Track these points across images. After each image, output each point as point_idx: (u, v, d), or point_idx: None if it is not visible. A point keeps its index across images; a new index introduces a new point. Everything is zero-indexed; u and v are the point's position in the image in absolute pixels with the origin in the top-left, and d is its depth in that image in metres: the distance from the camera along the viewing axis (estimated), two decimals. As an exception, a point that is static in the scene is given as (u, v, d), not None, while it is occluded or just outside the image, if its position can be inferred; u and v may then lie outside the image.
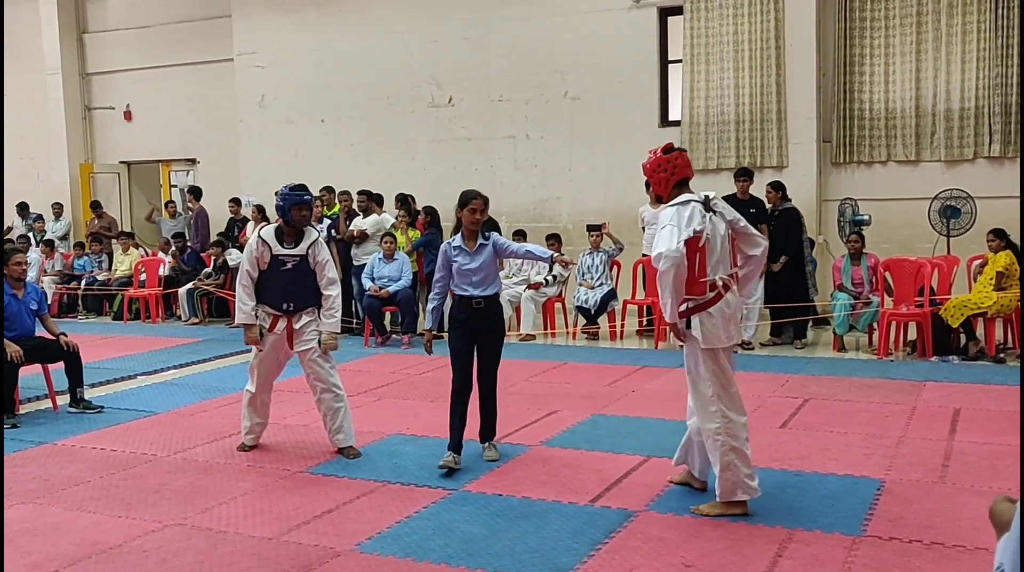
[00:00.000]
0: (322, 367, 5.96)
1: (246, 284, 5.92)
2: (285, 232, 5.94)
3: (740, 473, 4.68)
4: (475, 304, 5.70)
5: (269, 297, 5.93)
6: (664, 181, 4.81)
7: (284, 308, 5.92)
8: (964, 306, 8.71)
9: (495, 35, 12.99)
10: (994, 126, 10.65)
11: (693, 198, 4.71)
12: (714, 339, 4.67)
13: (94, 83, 16.95)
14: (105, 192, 16.64)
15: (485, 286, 5.71)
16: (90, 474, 5.72)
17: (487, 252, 5.72)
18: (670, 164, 4.80)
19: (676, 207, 4.68)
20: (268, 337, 5.96)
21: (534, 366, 8.97)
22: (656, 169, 4.82)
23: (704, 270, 4.65)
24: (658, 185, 4.84)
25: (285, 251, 5.90)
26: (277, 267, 5.90)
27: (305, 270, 5.92)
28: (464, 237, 5.74)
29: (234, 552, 4.42)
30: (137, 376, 8.94)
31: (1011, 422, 6.42)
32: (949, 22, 10.78)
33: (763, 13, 11.40)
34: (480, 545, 4.41)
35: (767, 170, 11.28)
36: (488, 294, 5.72)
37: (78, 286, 13.88)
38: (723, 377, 4.72)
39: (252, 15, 14.59)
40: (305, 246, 5.92)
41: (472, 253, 5.70)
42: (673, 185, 4.80)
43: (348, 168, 13.53)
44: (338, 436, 6.00)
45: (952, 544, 4.26)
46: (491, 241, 5.76)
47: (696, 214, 4.63)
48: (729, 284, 4.72)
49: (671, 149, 4.88)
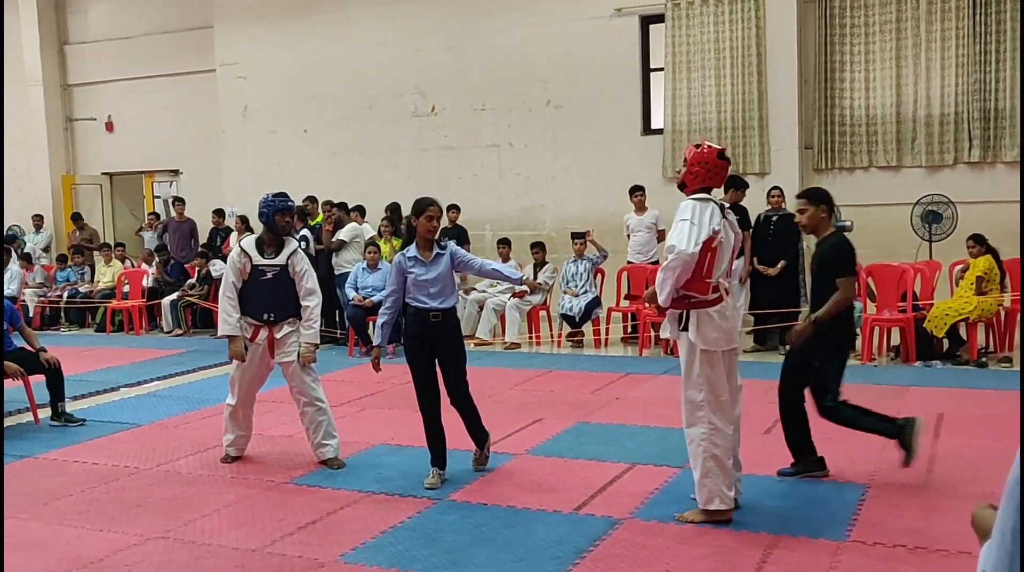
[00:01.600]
0: (304, 381, 5.93)
1: (230, 296, 5.88)
2: (266, 241, 5.92)
3: (718, 482, 4.66)
4: (432, 317, 5.45)
5: (250, 307, 5.90)
6: (698, 176, 4.76)
7: (265, 318, 5.90)
8: (947, 314, 8.75)
9: (477, 44, 13.01)
10: (974, 131, 10.72)
11: (711, 199, 4.74)
12: (711, 341, 4.66)
13: (75, 94, 16.86)
14: (87, 204, 16.54)
15: (443, 298, 5.47)
16: (72, 488, 5.68)
17: (444, 262, 5.49)
18: (714, 166, 4.77)
19: (697, 202, 4.66)
20: (249, 348, 5.93)
21: (519, 374, 8.96)
22: (698, 162, 4.77)
23: (711, 271, 4.65)
24: (691, 176, 4.78)
25: (265, 261, 5.87)
26: (257, 277, 5.88)
27: (285, 280, 5.89)
28: (419, 246, 5.49)
29: (217, 565, 4.39)
30: (120, 388, 8.88)
31: (994, 426, 6.45)
32: (928, 28, 10.86)
33: (744, 21, 11.45)
34: (465, 554, 4.40)
35: (750, 176, 11.31)
36: (445, 307, 5.48)
37: (60, 298, 13.78)
38: (715, 383, 4.68)
39: (234, 26, 14.56)
40: (285, 256, 5.90)
41: (428, 263, 5.46)
42: (700, 186, 4.77)
43: (331, 178, 13.51)
44: (322, 449, 5.97)
45: (936, 548, 4.28)
46: (448, 251, 5.53)
47: (716, 215, 4.66)
48: (730, 289, 4.77)
49: (723, 155, 4.86)
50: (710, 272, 4.63)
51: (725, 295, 4.71)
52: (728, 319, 4.71)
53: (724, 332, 4.68)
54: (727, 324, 4.70)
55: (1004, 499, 1.07)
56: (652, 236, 10.84)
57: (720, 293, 4.68)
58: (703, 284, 4.63)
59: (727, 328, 4.70)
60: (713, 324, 4.65)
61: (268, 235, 5.93)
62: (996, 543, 1.07)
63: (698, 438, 4.71)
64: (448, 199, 13.12)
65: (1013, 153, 10.58)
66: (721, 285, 4.70)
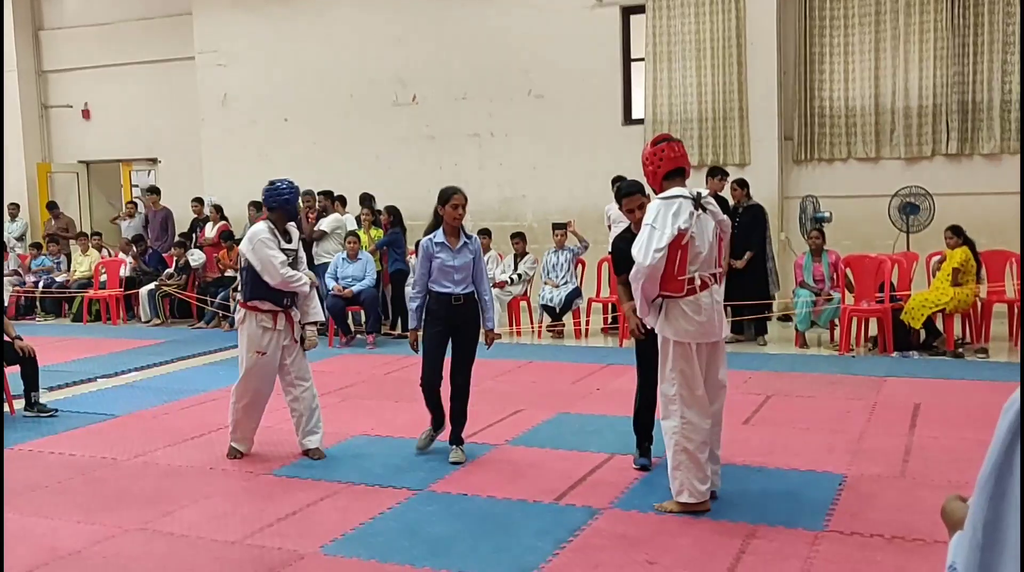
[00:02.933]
0: (305, 365, 5.95)
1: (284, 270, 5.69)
2: (281, 229, 5.85)
3: (688, 476, 4.67)
4: (454, 301, 5.71)
5: (271, 293, 5.78)
6: (652, 174, 4.72)
7: (285, 303, 5.83)
8: (923, 306, 8.82)
9: (459, 33, 12.96)
10: (951, 124, 10.80)
11: (682, 193, 4.60)
12: (682, 333, 4.62)
13: (51, 81, 16.67)
14: (63, 192, 16.37)
15: (465, 284, 5.73)
16: (48, 479, 5.63)
17: (469, 252, 5.74)
18: (656, 157, 4.70)
19: (661, 203, 4.58)
20: (269, 335, 5.79)
21: (499, 365, 8.95)
22: (645, 163, 4.75)
23: (684, 268, 4.56)
24: (649, 177, 4.74)
25: (287, 246, 5.85)
26: None
27: (296, 265, 5.89)
28: (446, 233, 5.71)
29: (197, 557, 4.37)
30: (97, 378, 8.81)
31: (970, 417, 6.51)
32: (907, 21, 10.92)
33: (724, 12, 11.47)
34: (445, 545, 4.40)
35: (730, 167, 11.33)
36: (467, 292, 5.75)
37: (35, 287, 13.65)
38: (690, 378, 4.66)
39: (213, 12, 14.43)
40: (295, 242, 5.94)
41: (455, 250, 5.69)
42: (663, 177, 4.68)
43: (312, 167, 13.42)
44: (310, 437, 5.91)
45: (912, 538, 4.32)
46: (474, 244, 5.81)
47: (683, 211, 4.53)
48: (708, 282, 4.65)
49: (661, 140, 4.79)
50: (683, 269, 4.56)
51: (700, 289, 4.59)
52: (702, 311, 4.60)
53: (698, 325, 4.60)
54: (700, 316, 4.60)
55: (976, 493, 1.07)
56: (633, 227, 10.84)
57: (694, 286, 4.59)
58: (676, 282, 4.57)
59: (700, 321, 4.60)
60: (685, 316, 4.59)
61: (284, 221, 5.87)
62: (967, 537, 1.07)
63: (671, 431, 4.72)
64: (428, 189, 13.08)
65: (990, 145, 10.67)
66: (703, 278, 4.61)
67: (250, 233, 5.90)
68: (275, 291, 5.76)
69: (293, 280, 5.77)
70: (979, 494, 1.05)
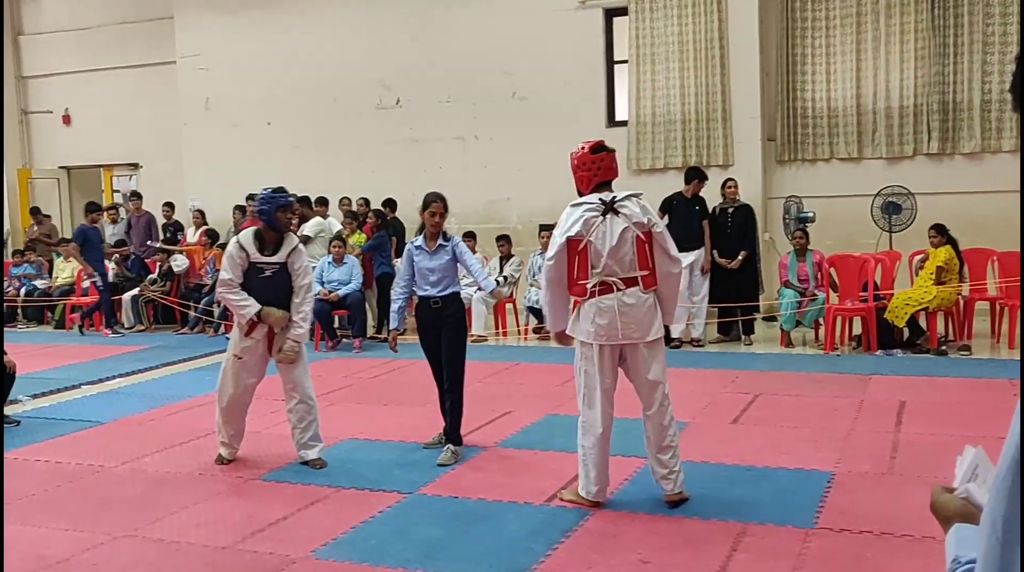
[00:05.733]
0: (299, 375, 5.79)
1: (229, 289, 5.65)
2: (266, 238, 5.73)
3: (582, 471, 4.85)
4: (432, 304, 5.91)
5: None
6: (586, 180, 4.83)
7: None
8: (907, 304, 8.89)
9: (442, 36, 12.96)
10: (932, 124, 10.88)
11: (586, 201, 4.73)
12: (584, 333, 4.71)
13: (30, 86, 16.56)
14: (44, 198, 16.26)
15: (443, 287, 5.90)
16: (34, 487, 5.58)
17: (446, 253, 5.90)
18: (595, 165, 4.82)
19: (567, 211, 4.76)
20: (245, 343, 5.75)
21: (487, 367, 8.96)
22: (580, 166, 4.84)
23: (584, 272, 4.66)
24: (579, 182, 4.86)
25: (264, 259, 5.69)
26: (255, 275, 5.69)
27: (284, 278, 5.73)
28: (426, 238, 5.95)
29: (187, 563, 4.35)
30: (82, 385, 8.73)
31: (955, 413, 6.57)
32: (888, 22, 11.00)
33: (707, 14, 11.52)
34: (437, 548, 4.40)
35: (713, 169, 11.39)
36: (445, 294, 5.90)
37: (16, 295, 13.54)
38: (591, 377, 4.75)
39: (195, 16, 14.37)
40: (285, 253, 5.73)
41: (432, 253, 5.90)
42: (594, 186, 4.80)
43: (295, 171, 13.35)
44: (307, 449, 5.80)
45: (901, 534, 4.35)
46: (452, 244, 5.95)
47: (577, 217, 4.66)
48: (613, 286, 4.63)
49: (600, 149, 4.87)
50: (583, 273, 4.66)
51: (601, 292, 4.63)
52: (604, 314, 4.62)
53: (598, 326, 4.64)
54: (601, 319, 4.62)
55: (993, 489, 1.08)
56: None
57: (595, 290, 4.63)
58: (577, 286, 4.70)
59: (600, 323, 4.63)
60: (587, 318, 4.67)
61: (269, 233, 5.72)
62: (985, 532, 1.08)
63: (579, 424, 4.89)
64: (412, 192, 13.06)
65: (971, 144, 10.76)
66: (607, 282, 4.62)
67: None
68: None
69: (232, 303, 5.70)
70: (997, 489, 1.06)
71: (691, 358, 9.25)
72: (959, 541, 1.29)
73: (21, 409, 7.66)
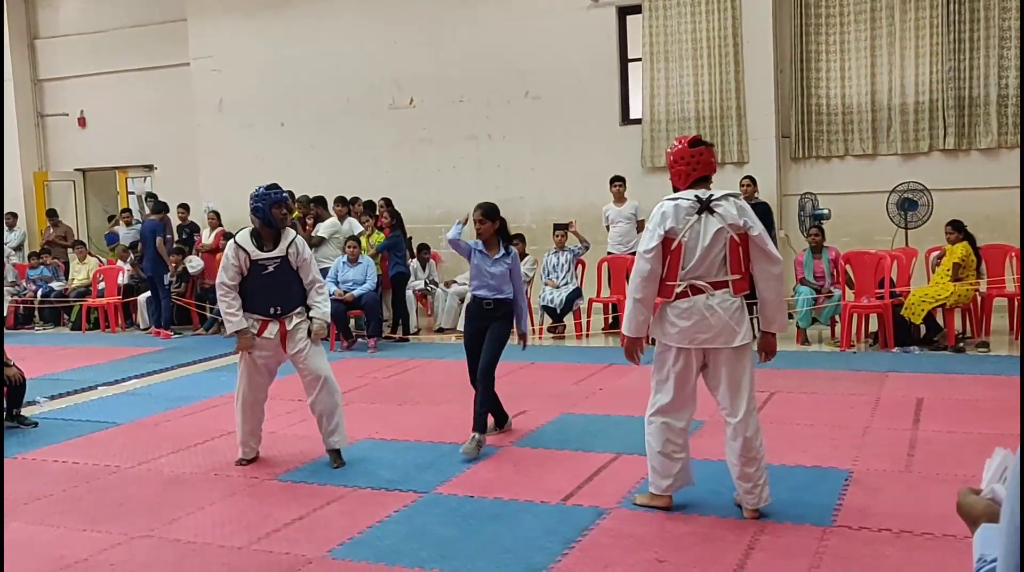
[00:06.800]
0: (319, 365, 5.77)
1: (228, 295, 5.68)
2: (263, 234, 5.74)
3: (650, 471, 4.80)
4: (485, 305, 6.20)
5: (254, 303, 5.72)
6: (684, 175, 4.64)
7: (272, 313, 5.72)
8: (923, 301, 8.83)
9: (454, 36, 12.96)
10: (948, 119, 10.81)
11: (682, 197, 4.56)
12: (663, 333, 4.60)
13: (47, 89, 16.66)
14: (60, 200, 16.36)
15: (498, 292, 6.21)
16: (52, 488, 5.61)
17: (505, 265, 6.20)
18: (693, 159, 4.64)
19: (659, 206, 4.60)
20: (258, 342, 5.75)
21: (501, 366, 8.84)
22: (678, 161, 4.66)
23: (674, 273, 4.51)
24: (677, 177, 4.67)
25: (265, 255, 5.69)
26: (258, 272, 5.69)
27: (287, 271, 5.74)
28: (485, 244, 6.27)
29: (204, 563, 4.36)
30: (98, 387, 8.77)
31: (973, 411, 6.52)
32: (903, 18, 10.93)
33: (720, 11, 11.47)
34: (453, 547, 4.39)
35: (728, 166, 11.36)
36: (498, 298, 6.20)
37: (33, 296, 13.62)
38: (660, 382, 4.66)
39: (208, 18, 14.42)
40: (284, 246, 5.74)
41: (492, 259, 6.21)
42: (694, 180, 4.63)
43: (309, 172, 13.42)
44: (333, 437, 5.79)
45: (920, 532, 4.31)
46: (511, 258, 6.24)
47: (671, 214, 4.49)
48: (703, 289, 4.50)
49: (698, 142, 4.73)
50: (672, 274, 4.52)
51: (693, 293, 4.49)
52: (691, 316, 4.49)
53: (685, 330, 4.51)
54: (688, 321, 4.50)
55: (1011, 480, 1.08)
56: (632, 226, 10.84)
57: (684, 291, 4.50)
58: (666, 288, 4.55)
59: (688, 325, 4.50)
60: (671, 319, 4.54)
61: (265, 229, 5.73)
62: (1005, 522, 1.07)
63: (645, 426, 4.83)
64: (426, 192, 13.11)
65: (987, 140, 10.68)
66: (695, 285, 4.50)
67: None
68: (257, 300, 5.72)
69: (223, 310, 5.75)
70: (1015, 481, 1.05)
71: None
72: (985, 541, 1.29)
73: (38, 411, 7.70)
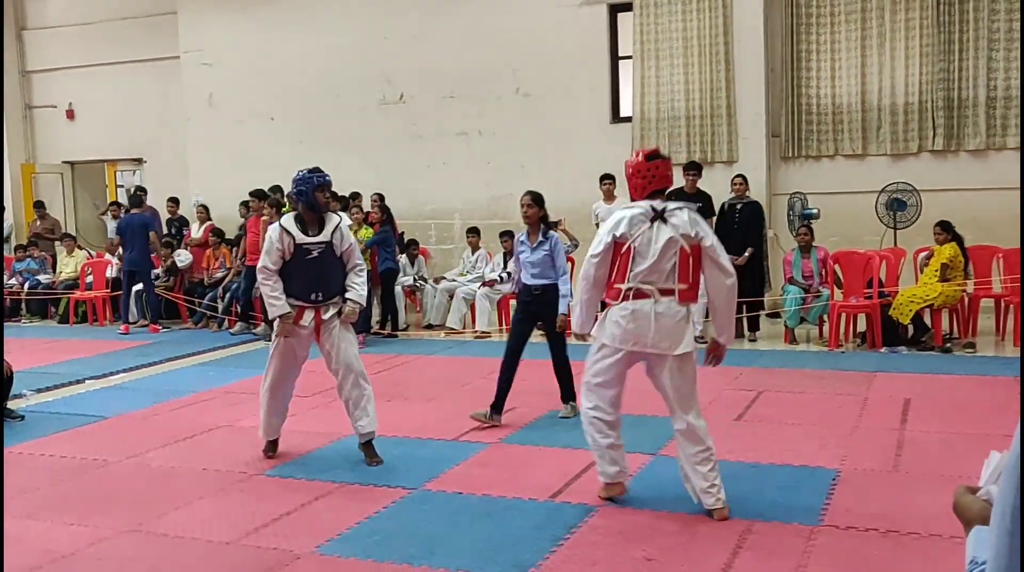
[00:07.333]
0: (348, 352, 5.71)
1: (268, 277, 5.61)
2: (307, 219, 5.68)
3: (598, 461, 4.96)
4: (534, 290, 6.63)
5: (296, 287, 5.63)
6: (640, 187, 4.76)
7: (313, 298, 5.64)
8: (911, 301, 8.87)
9: (446, 32, 12.93)
10: (937, 120, 10.85)
11: (638, 205, 4.71)
12: (606, 334, 4.71)
13: (34, 81, 16.54)
14: (48, 193, 16.24)
15: (541, 278, 6.62)
16: (39, 481, 5.59)
17: (545, 249, 6.60)
18: (649, 172, 4.76)
19: (617, 212, 4.79)
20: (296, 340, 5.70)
21: (490, 363, 8.91)
22: (635, 174, 4.78)
23: (622, 275, 4.64)
24: (633, 190, 4.80)
25: (310, 239, 5.62)
26: (302, 257, 5.60)
27: (331, 257, 5.68)
28: (528, 232, 6.71)
29: (191, 558, 4.35)
30: (86, 380, 8.74)
31: (960, 411, 6.55)
32: (893, 18, 10.96)
33: (711, 10, 11.49)
34: (442, 544, 4.39)
35: (718, 165, 11.39)
36: (543, 283, 6.61)
37: (20, 289, 13.55)
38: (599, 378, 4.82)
39: (198, 12, 14.35)
40: (329, 232, 5.68)
41: (533, 247, 6.64)
42: (648, 193, 4.74)
43: (299, 167, 13.19)
44: (361, 422, 5.72)
45: (907, 531, 4.34)
46: (550, 240, 6.63)
47: (626, 221, 4.64)
48: (649, 294, 4.59)
49: (655, 156, 4.83)
50: (621, 276, 4.64)
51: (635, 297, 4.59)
52: (635, 319, 4.59)
53: (629, 332, 4.60)
54: (633, 324, 4.59)
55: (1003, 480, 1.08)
56: (621, 224, 10.84)
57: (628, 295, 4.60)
58: (612, 289, 4.70)
59: (632, 328, 4.59)
60: (616, 321, 4.64)
61: (309, 213, 5.67)
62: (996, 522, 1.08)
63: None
64: (416, 188, 13.09)
65: (976, 141, 10.73)
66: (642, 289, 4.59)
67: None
68: (298, 285, 5.63)
69: (266, 294, 5.67)
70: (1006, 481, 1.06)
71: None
72: (977, 543, 1.30)
73: (25, 404, 7.66)
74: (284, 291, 5.62)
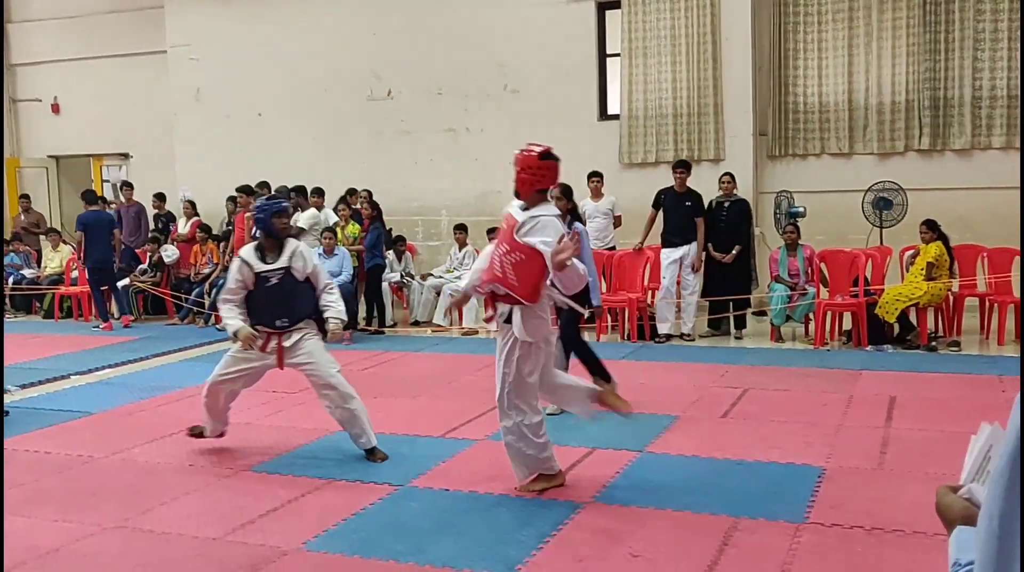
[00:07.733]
0: (327, 373, 5.70)
1: (224, 302, 5.75)
2: (266, 246, 5.73)
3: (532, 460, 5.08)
4: None
5: (261, 315, 5.68)
6: (527, 183, 4.92)
7: (278, 325, 5.68)
8: (897, 300, 8.92)
9: (434, 27, 12.91)
10: (923, 120, 10.91)
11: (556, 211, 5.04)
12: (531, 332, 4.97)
13: (19, 74, 16.43)
14: (33, 187, 16.15)
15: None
16: (23, 477, 5.56)
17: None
18: (540, 170, 4.92)
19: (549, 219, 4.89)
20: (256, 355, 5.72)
21: (477, 360, 8.94)
22: (525, 169, 4.92)
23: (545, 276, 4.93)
24: (521, 185, 4.95)
25: (267, 267, 5.67)
26: (262, 285, 5.66)
27: (291, 282, 5.70)
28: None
29: (178, 554, 4.34)
30: (71, 376, 8.69)
31: (944, 409, 6.59)
32: (880, 18, 11.01)
33: (699, 8, 11.51)
34: (429, 540, 4.39)
35: (704, 163, 11.41)
36: None
37: (4, 284, 13.45)
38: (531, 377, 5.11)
39: (185, 6, 14.27)
40: (287, 258, 5.70)
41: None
42: (535, 191, 4.91)
43: (286, 162, 13.34)
44: (361, 440, 5.76)
45: (892, 529, 4.37)
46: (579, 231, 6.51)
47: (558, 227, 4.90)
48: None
49: (548, 156, 4.95)
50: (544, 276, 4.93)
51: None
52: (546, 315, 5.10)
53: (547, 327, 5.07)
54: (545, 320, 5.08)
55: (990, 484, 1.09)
56: (609, 222, 10.88)
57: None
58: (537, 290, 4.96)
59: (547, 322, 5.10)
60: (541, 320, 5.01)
61: (268, 241, 5.74)
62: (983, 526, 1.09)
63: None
64: (403, 183, 13.07)
65: (962, 141, 10.79)
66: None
67: None
68: (262, 312, 5.69)
69: (223, 312, 5.78)
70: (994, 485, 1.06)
71: (681, 352, 9.27)
72: (960, 544, 1.29)
73: (10, 399, 7.60)
74: (252, 319, 5.70)
